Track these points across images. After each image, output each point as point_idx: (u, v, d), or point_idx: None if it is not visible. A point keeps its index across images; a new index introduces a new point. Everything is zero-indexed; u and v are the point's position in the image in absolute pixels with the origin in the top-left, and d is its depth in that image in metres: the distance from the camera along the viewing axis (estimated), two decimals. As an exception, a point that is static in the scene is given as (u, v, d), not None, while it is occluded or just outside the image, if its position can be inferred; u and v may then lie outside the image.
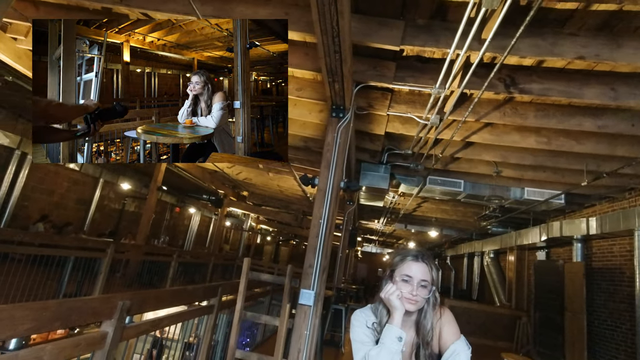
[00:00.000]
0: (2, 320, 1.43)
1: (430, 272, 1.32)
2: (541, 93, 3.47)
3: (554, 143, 4.46)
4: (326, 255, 3.28)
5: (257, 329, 8.73)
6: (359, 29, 3.08)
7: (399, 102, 4.17)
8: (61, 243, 5.87)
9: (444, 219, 11.09)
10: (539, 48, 2.98)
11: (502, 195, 6.27)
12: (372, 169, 5.78)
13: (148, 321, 2.66)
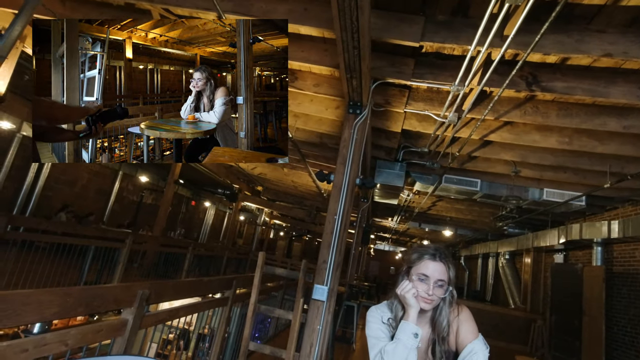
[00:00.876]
0: (30, 304, 1.50)
1: (447, 272, 1.31)
2: (565, 91, 3.38)
3: (576, 143, 4.35)
4: (340, 251, 3.28)
5: (269, 322, 8.83)
6: (378, 25, 3.06)
7: (417, 99, 4.13)
8: (83, 233, 6.05)
9: (459, 219, 10.95)
10: (563, 45, 2.90)
11: (520, 196, 6.15)
12: (388, 167, 5.75)
13: (165, 310, 2.72)
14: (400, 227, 14.62)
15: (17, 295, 1.45)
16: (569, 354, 7.28)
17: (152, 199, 13.04)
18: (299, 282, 3.71)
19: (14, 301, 1.42)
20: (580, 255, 7.92)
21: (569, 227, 7.48)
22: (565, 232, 7.60)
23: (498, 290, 12.47)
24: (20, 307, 1.45)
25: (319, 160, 7.04)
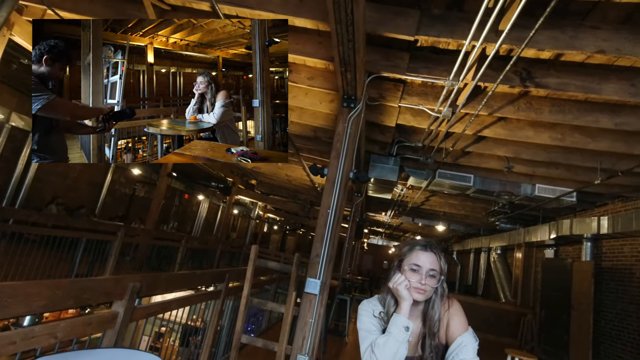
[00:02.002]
0: (17, 297, 1.48)
1: (439, 262, 1.32)
2: (558, 87, 3.39)
3: (568, 139, 4.38)
4: (333, 245, 3.29)
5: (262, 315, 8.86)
6: (373, 18, 3.03)
7: (411, 93, 4.12)
8: (74, 225, 5.98)
9: (452, 214, 11.03)
10: (558, 41, 2.91)
11: (513, 191, 6.20)
12: (382, 161, 5.75)
13: (157, 303, 2.71)
14: (394, 221, 14.69)
15: (4, 287, 1.42)
16: (557, 348, 7.41)
17: (144, 192, 12.93)
18: (292, 276, 3.71)
19: (1, 292, 1.40)
20: (570, 250, 8.03)
21: (560, 222, 7.57)
22: (556, 228, 7.69)
23: (489, 284, 12.62)
24: (7, 299, 1.43)
25: (313, 154, 7.03)
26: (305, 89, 4.51)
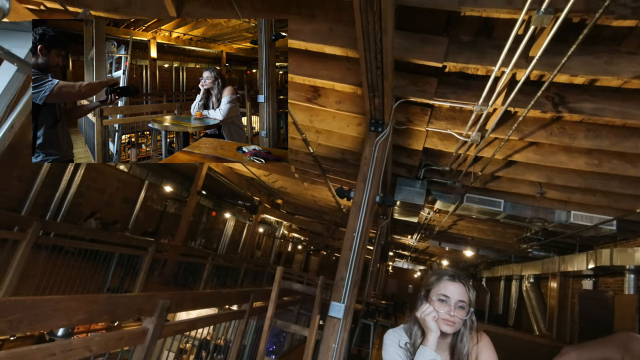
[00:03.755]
0: (60, 310, 1.57)
1: (467, 293, 1.29)
2: (593, 113, 3.30)
3: (606, 165, 4.20)
4: (358, 268, 3.27)
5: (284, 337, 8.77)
6: (401, 45, 3.10)
7: (439, 118, 4.12)
8: (109, 239, 6.25)
9: (481, 239, 10.66)
10: (592, 66, 2.85)
11: (546, 218, 5.94)
12: (408, 184, 5.70)
13: (184, 321, 2.77)
14: (420, 245, 14.34)
15: (49, 301, 1.52)
16: (598, 388, 6.85)
17: (175, 209, 13.35)
18: (316, 299, 3.69)
19: (45, 306, 1.49)
20: (611, 282, 7.52)
21: (599, 252, 7.14)
22: (594, 257, 7.26)
23: (521, 315, 11.95)
24: (51, 312, 1.52)
25: (339, 175, 7.07)
26: (333, 113, 4.60)
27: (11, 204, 7.50)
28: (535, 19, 2.29)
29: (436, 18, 2.92)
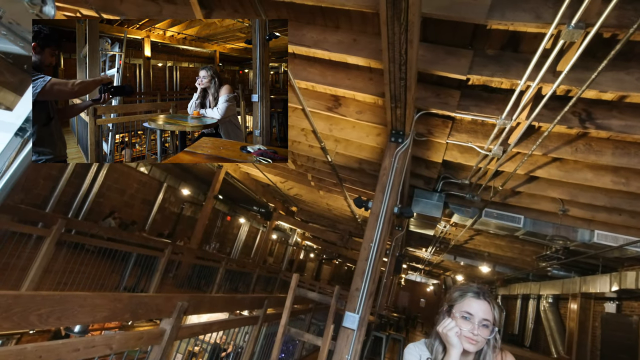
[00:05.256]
0: (86, 306, 1.61)
1: (492, 311, 1.26)
2: (622, 130, 3.20)
3: (633, 185, 4.06)
4: (374, 279, 3.24)
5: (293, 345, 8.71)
6: (426, 57, 3.10)
7: (460, 130, 4.08)
8: (127, 239, 6.37)
9: (498, 255, 10.40)
10: (622, 83, 2.78)
11: (568, 236, 5.77)
12: (426, 196, 5.64)
13: (200, 324, 2.79)
14: (434, 258, 14.10)
15: (76, 297, 1.56)
16: (621, 417, 6.55)
17: (191, 212, 13.54)
18: (331, 308, 3.67)
19: (73, 302, 1.53)
20: (636, 306, 7.21)
21: (623, 274, 6.87)
22: (618, 280, 6.99)
23: (539, 335, 11.55)
24: (77, 308, 1.56)
25: (356, 185, 7.05)
26: (353, 122, 4.61)
27: (37, 201, 7.76)
28: (565, 34, 2.26)
29: (462, 30, 2.92)
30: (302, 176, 8.05)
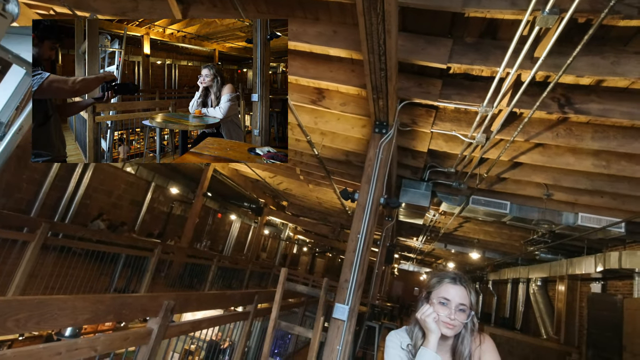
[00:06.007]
0: (66, 309, 1.59)
1: (468, 296, 1.29)
2: (600, 114, 3.26)
3: (613, 167, 4.15)
4: (363, 270, 3.26)
5: (289, 339, 8.77)
6: (406, 47, 3.10)
7: (444, 119, 4.11)
8: (116, 241, 6.30)
9: (487, 241, 10.57)
10: (598, 67, 2.83)
11: (553, 220, 5.88)
12: (413, 186, 5.69)
13: (188, 322, 2.79)
14: (425, 247, 14.27)
15: (55, 300, 1.54)
16: (608, 393, 6.76)
17: (181, 210, 13.44)
18: (320, 301, 3.69)
19: (52, 306, 1.51)
20: (620, 285, 7.41)
21: (607, 254, 7.05)
22: (602, 260, 7.16)
23: (529, 318, 11.82)
24: (57, 311, 1.54)
25: (344, 177, 7.07)
26: (337, 115, 4.61)
27: (20, 206, 7.61)
28: (540, 20, 2.28)
29: (440, 19, 2.92)
30: (290, 170, 8.04)
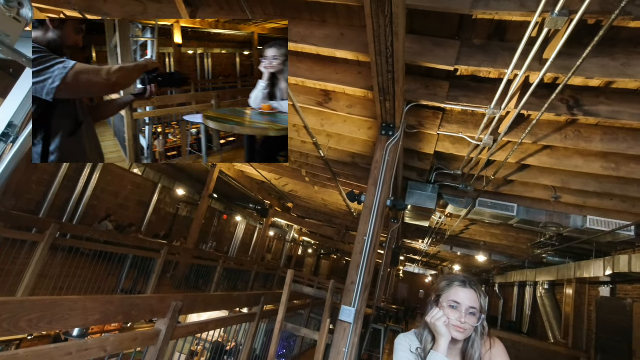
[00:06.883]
0: (77, 310, 1.60)
1: (478, 299, 1.28)
2: (610, 116, 3.23)
3: (623, 169, 4.11)
4: (369, 272, 3.25)
5: (294, 340, 8.76)
6: (413, 49, 3.10)
7: (451, 121, 4.09)
8: (123, 242, 6.35)
9: (494, 244, 10.50)
10: (608, 69, 2.80)
11: (561, 223, 5.83)
12: (420, 188, 5.66)
13: (196, 323, 2.80)
14: (431, 249, 14.19)
15: (66, 300, 1.55)
16: (617, 398, 6.66)
17: (187, 212, 13.51)
18: (327, 303, 3.69)
19: (63, 306, 1.53)
20: (630, 289, 7.32)
21: (616, 258, 6.96)
22: (611, 264, 7.07)
23: (536, 322, 11.70)
24: (68, 311, 1.56)
25: (350, 179, 7.06)
26: (344, 117, 4.61)
27: (30, 206, 7.70)
28: (549, 21, 2.27)
29: (448, 21, 2.91)
30: (296, 172, 8.05)
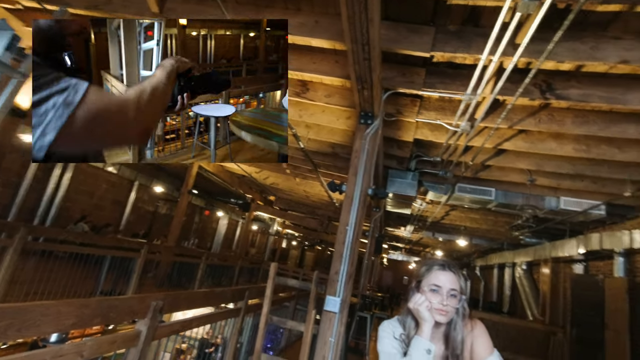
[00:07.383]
0: (50, 315, 1.53)
1: (458, 281, 1.29)
2: (580, 99, 3.32)
3: (594, 151, 4.25)
4: (352, 262, 3.26)
5: (281, 333, 8.79)
6: (388, 36, 3.08)
7: (429, 108, 4.12)
8: (100, 243, 6.16)
9: (474, 228, 10.76)
10: (578, 52, 2.86)
11: (536, 205, 6.02)
12: (400, 176, 5.71)
13: (178, 322, 2.74)
14: (414, 236, 14.44)
15: (37, 306, 1.48)
16: (591, 369, 7.01)
17: (166, 209, 13.23)
18: (311, 294, 3.69)
19: (34, 312, 1.45)
20: (601, 265, 7.66)
21: (588, 236, 7.26)
22: (584, 242, 7.38)
23: (515, 301, 12.14)
24: (40, 317, 1.48)
25: (331, 170, 7.05)
26: (322, 107, 4.57)
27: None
28: (521, 6, 2.29)
29: (422, 7, 2.90)
30: (277, 165, 7.97)
